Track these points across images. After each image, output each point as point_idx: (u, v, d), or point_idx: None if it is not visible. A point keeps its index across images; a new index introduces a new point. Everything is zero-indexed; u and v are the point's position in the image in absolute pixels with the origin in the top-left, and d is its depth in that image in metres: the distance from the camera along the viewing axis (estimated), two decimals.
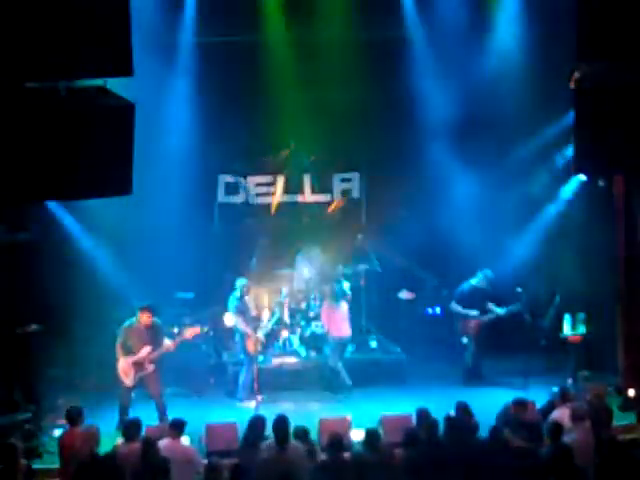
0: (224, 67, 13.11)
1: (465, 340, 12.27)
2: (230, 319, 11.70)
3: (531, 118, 12.54)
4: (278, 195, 14.14)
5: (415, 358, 12.50)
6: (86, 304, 11.89)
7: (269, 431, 7.85)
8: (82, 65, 6.53)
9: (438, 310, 13.75)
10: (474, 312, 12.15)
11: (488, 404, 9.59)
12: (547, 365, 11.93)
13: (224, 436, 9.24)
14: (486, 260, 12.47)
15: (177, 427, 8.06)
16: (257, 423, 8.05)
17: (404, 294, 13.54)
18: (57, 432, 9.19)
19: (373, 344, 12.98)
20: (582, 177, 11.89)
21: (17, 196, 6.81)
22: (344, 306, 12.04)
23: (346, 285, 12.56)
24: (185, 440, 8.31)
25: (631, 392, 10.49)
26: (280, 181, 14.13)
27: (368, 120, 13.41)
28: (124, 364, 10.17)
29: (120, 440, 8.10)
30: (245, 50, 12.96)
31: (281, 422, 7.80)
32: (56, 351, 11.54)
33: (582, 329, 11.71)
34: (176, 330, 11.79)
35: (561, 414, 8.29)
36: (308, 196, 14.28)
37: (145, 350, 10.18)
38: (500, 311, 12.19)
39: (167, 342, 10.43)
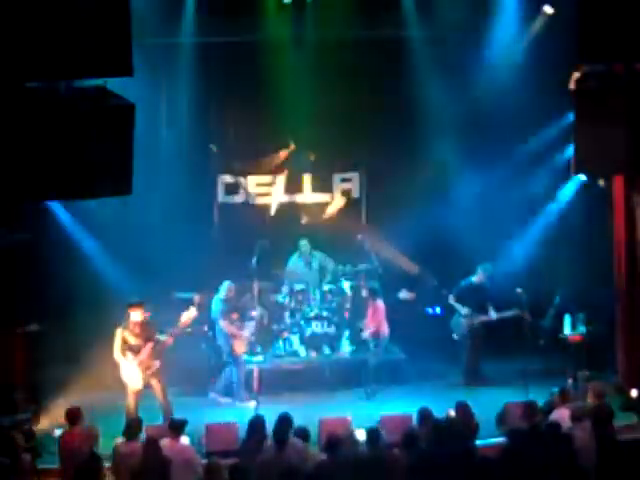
0: (224, 67, 13.11)
1: (455, 337, 12.28)
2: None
3: (531, 118, 12.53)
4: (278, 195, 14.13)
5: (415, 358, 12.48)
6: (86, 304, 11.89)
7: (269, 431, 7.86)
8: (82, 65, 6.54)
9: (438, 310, 13.72)
10: (465, 310, 12.16)
11: (488, 404, 9.61)
12: (547, 365, 11.92)
13: (224, 436, 9.25)
14: (486, 260, 12.47)
15: (177, 427, 8.05)
16: (257, 423, 8.05)
17: (404, 294, 13.52)
18: (57, 432, 9.18)
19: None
20: (582, 177, 11.89)
21: (17, 196, 6.81)
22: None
23: (346, 285, 12.53)
24: (185, 440, 8.30)
25: (634, 392, 10.47)
26: (280, 181, 14.12)
27: (368, 120, 13.41)
28: (128, 367, 9.96)
29: (120, 440, 8.10)
30: (245, 50, 12.96)
31: (281, 422, 7.81)
32: (56, 351, 11.53)
33: (582, 329, 11.71)
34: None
35: (561, 414, 8.29)
36: (308, 196, 14.27)
37: (148, 347, 10.05)
38: (493, 315, 12.19)
39: (165, 337, 10.30)
